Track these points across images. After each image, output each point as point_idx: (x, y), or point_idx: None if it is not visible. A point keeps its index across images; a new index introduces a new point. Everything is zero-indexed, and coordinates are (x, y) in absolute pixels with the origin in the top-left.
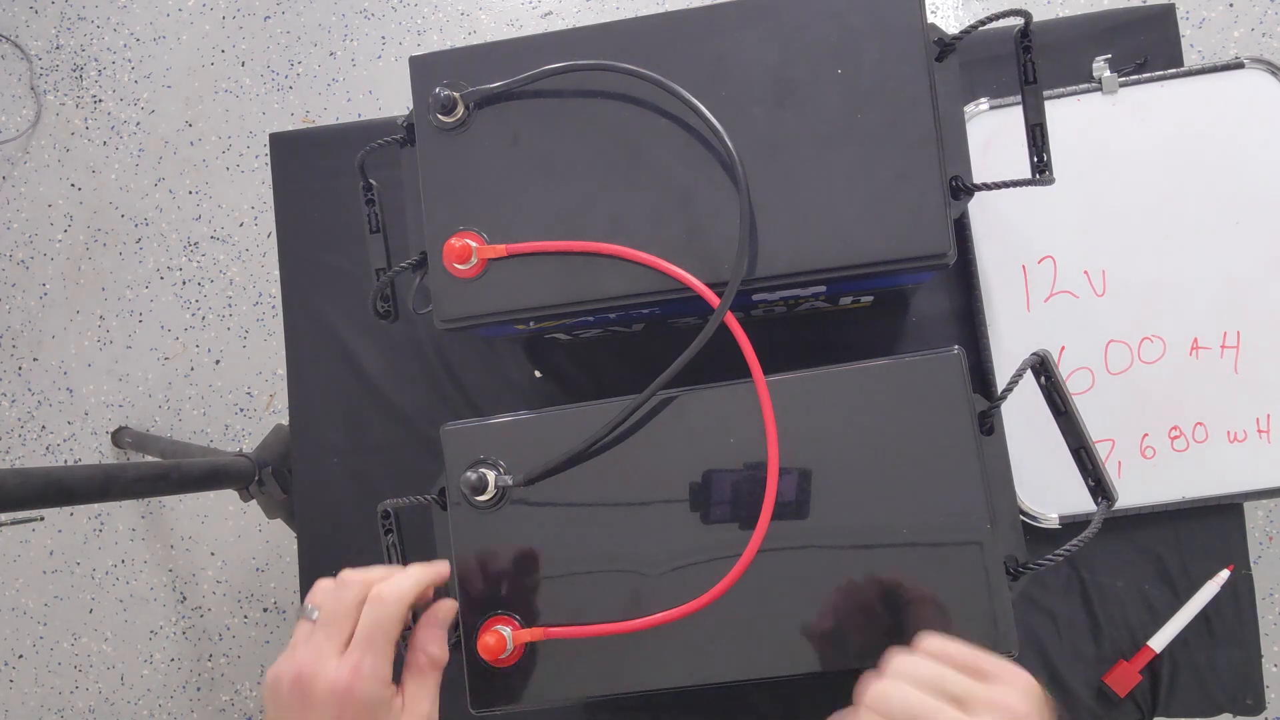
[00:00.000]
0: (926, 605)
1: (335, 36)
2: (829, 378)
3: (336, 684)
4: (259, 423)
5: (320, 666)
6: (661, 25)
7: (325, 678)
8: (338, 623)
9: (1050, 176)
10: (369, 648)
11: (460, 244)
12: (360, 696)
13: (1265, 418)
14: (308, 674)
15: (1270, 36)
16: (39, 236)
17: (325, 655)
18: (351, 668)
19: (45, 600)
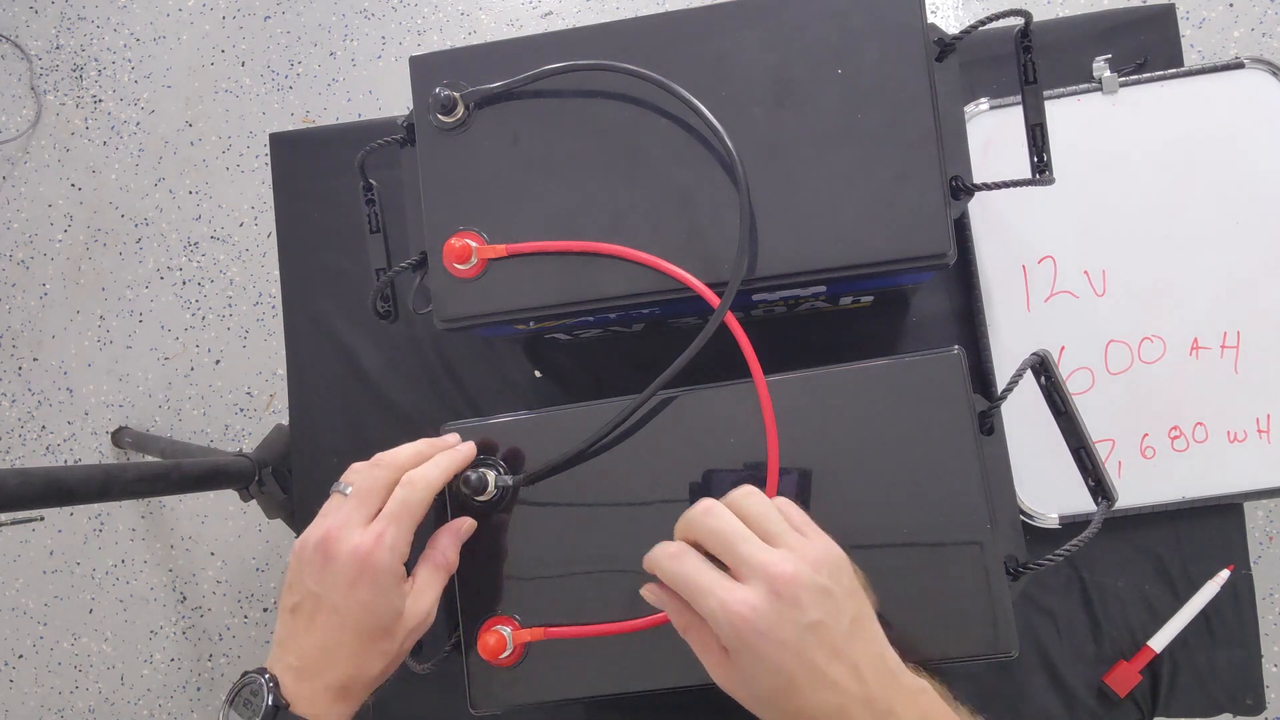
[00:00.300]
0: (926, 604)
1: (335, 36)
2: (829, 378)
3: (359, 548)
4: (259, 423)
5: (346, 531)
6: (661, 25)
7: (349, 541)
8: (368, 498)
9: (1050, 176)
10: (394, 523)
11: (460, 244)
12: (377, 563)
13: (1265, 418)
14: (333, 536)
15: (1270, 36)
16: (39, 236)
17: (352, 523)
18: (375, 536)
19: (45, 600)
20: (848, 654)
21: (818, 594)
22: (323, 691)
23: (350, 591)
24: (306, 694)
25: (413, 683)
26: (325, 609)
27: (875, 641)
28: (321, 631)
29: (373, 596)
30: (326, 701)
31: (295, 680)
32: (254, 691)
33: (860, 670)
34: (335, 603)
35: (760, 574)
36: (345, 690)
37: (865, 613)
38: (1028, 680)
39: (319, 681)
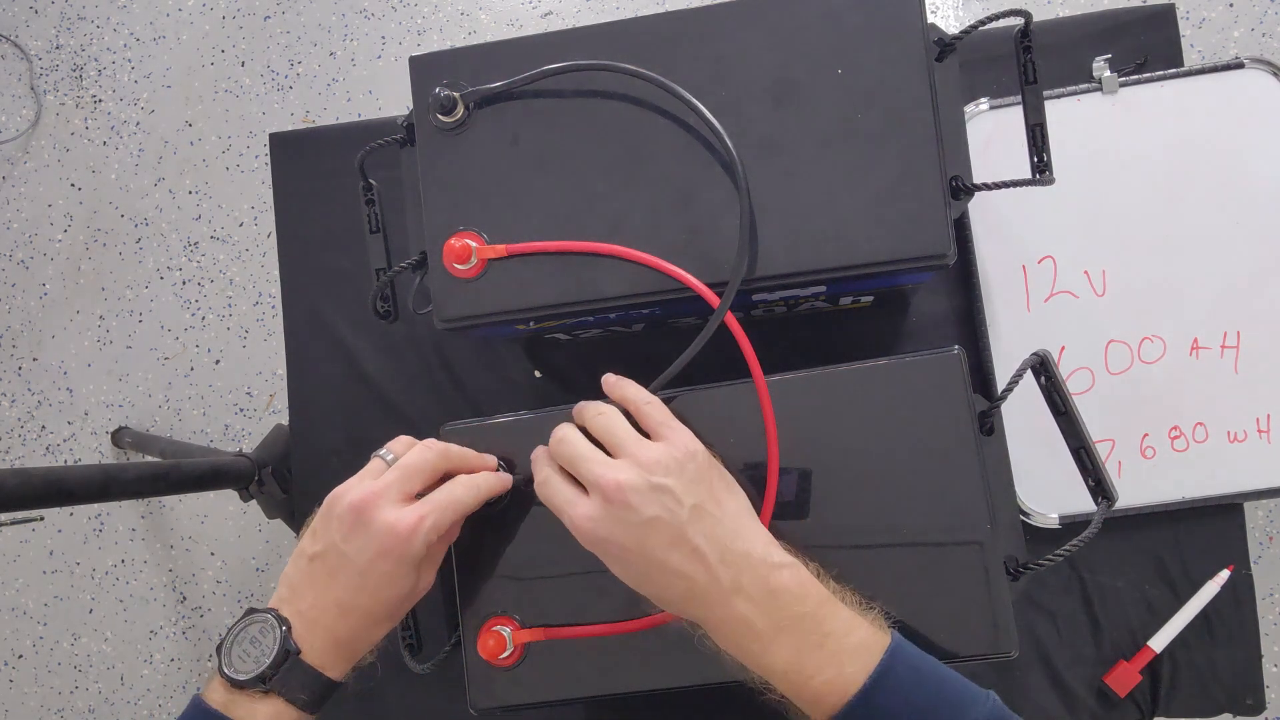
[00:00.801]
0: (925, 604)
1: (335, 36)
2: (829, 378)
3: (397, 525)
4: (259, 423)
5: (384, 502)
6: (661, 25)
7: (388, 514)
8: (412, 475)
9: (1050, 176)
10: (438, 512)
11: (460, 244)
12: (411, 544)
13: (1265, 418)
14: (371, 503)
15: (1270, 36)
16: (39, 236)
17: (391, 495)
18: (418, 517)
19: (45, 600)
20: (687, 542)
21: (649, 492)
22: (330, 644)
23: (377, 561)
24: (315, 643)
25: (413, 683)
26: (348, 569)
27: (720, 525)
28: (340, 589)
29: (397, 572)
30: (332, 654)
31: (305, 628)
32: (262, 631)
33: (702, 554)
34: (361, 566)
35: (595, 487)
36: (348, 648)
37: (711, 499)
38: (1028, 680)
39: (328, 634)
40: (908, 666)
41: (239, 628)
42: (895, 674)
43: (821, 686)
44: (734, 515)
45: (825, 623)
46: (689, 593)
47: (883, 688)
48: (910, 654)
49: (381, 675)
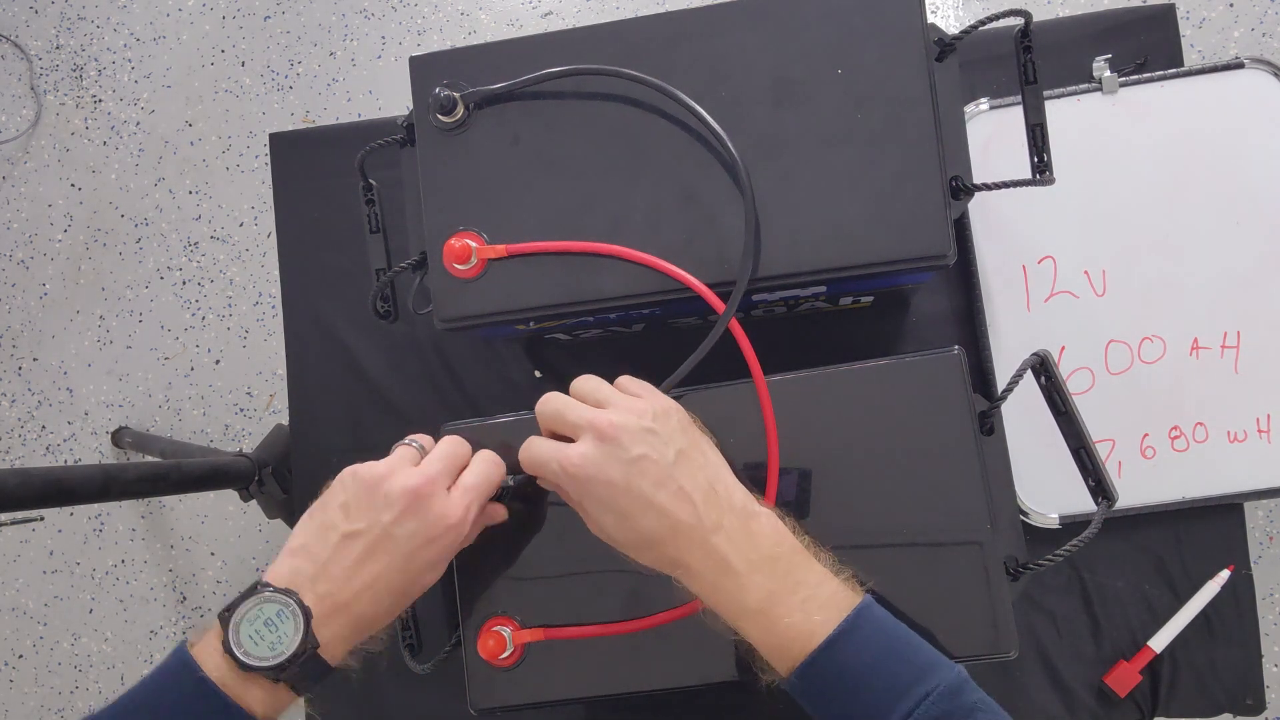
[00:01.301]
0: (926, 604)
1: (335, 36)
2: (829, 378)
3: (449, 514)
4: (259, 423)
5: (440, 490)
6: (661, 25)
7: (440, 506)
8: (454, 465)
9: (1050, 176)
10: (477, 499)
11: (460, 244)
12: (458, 532)
13: (1265, 418)
14: (427, 492)
15: (1270, 36)
16: (39, 236)
17: (441, 484)
18: (464, 508)
19: (45, 600)
20: (673, 481)
21: (639, 433)
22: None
23: (425, 548)
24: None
25: (413, 683)
26: (393, 551)
27: (704, 470)
28: (380, 568)
29: (438, 560)
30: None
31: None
32: (281, 616)
33: (687, 493)
34: (409, 550)
35: (586, 428)
36: (363, 631)
37: (695, 447)
38: (1028, 680)
39: (350, 618)
40: (874, 626)
41: (252, 605)
42: (861, 630)
43: (788, 630)
44: (715, 463)
45: (798, 570)
46: (672, 531)
47: (848, 641)
48: (879, 615)
49: (382, 675)
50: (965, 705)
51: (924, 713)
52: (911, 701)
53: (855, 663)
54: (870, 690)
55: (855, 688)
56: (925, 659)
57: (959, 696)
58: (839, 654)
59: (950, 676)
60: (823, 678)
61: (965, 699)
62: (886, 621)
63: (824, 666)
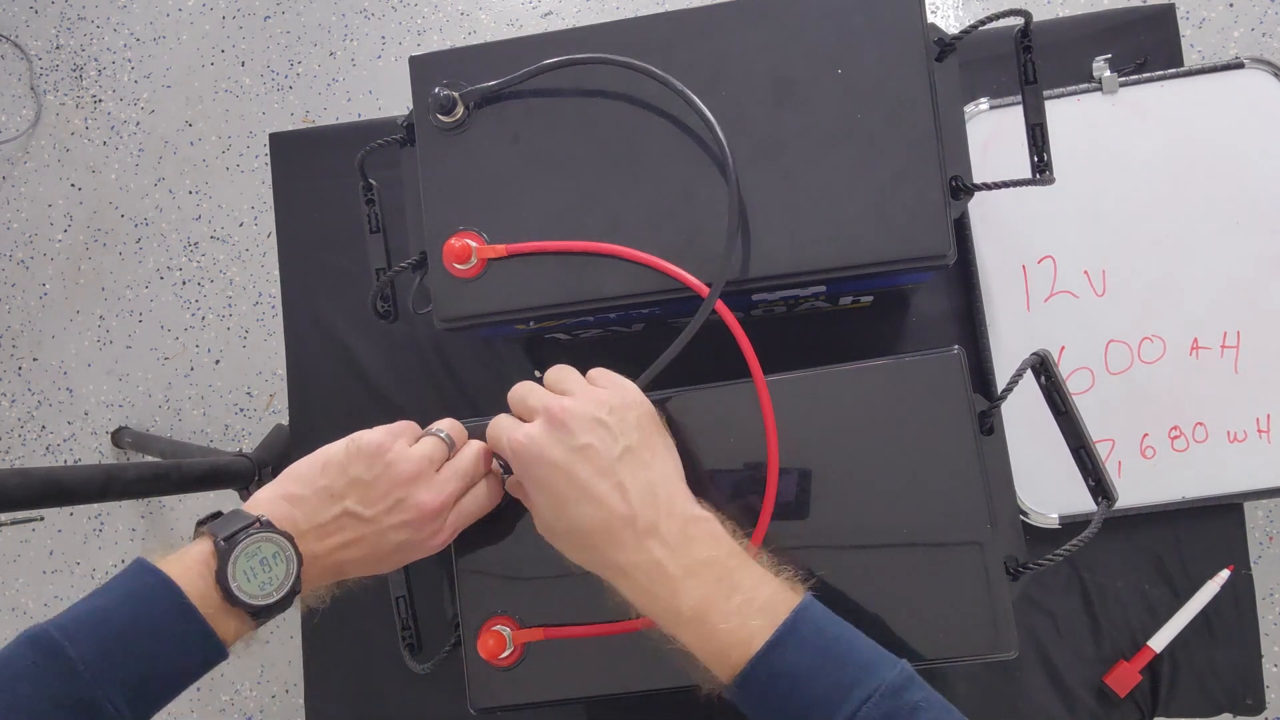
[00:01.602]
0: (926, 604)
1: (335, 36)
2: (829, 378)
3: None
4: (259, 423)
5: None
6: (661, 25)
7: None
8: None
9: (1050, 176)
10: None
11: (460, 244)
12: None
13: (1265, 418)
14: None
15: (1270, 36)
16: (39, 236)
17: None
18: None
19: (45, 600)
20: (614, 475)
21: (589, 422)
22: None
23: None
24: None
25: (413, 683)
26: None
27: (649, 470)
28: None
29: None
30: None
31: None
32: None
33: (626, 490)
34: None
35: (540, 411)
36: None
37: (646, 446)
38: (1028, 680)
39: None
40: (812, 627)
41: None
42: (798, 634)
43: (725, 637)
44: (663, 466)
45: (735, 574)
46: (605, 526)
47: (785, 646)
48: (817, 616)
49: (382, 675)
50: (908, 704)
51: (866, 715)
52: (853, 704)
53: (793, 667)
54: (810, 695)
55: (795, 693)
56: (865, 658)
57: (901, 695)
58: (776, 660)
59: (891, 675)
60: (762, 685)
61: (908, 697)
62: (825, 621)
63: (762, 673)
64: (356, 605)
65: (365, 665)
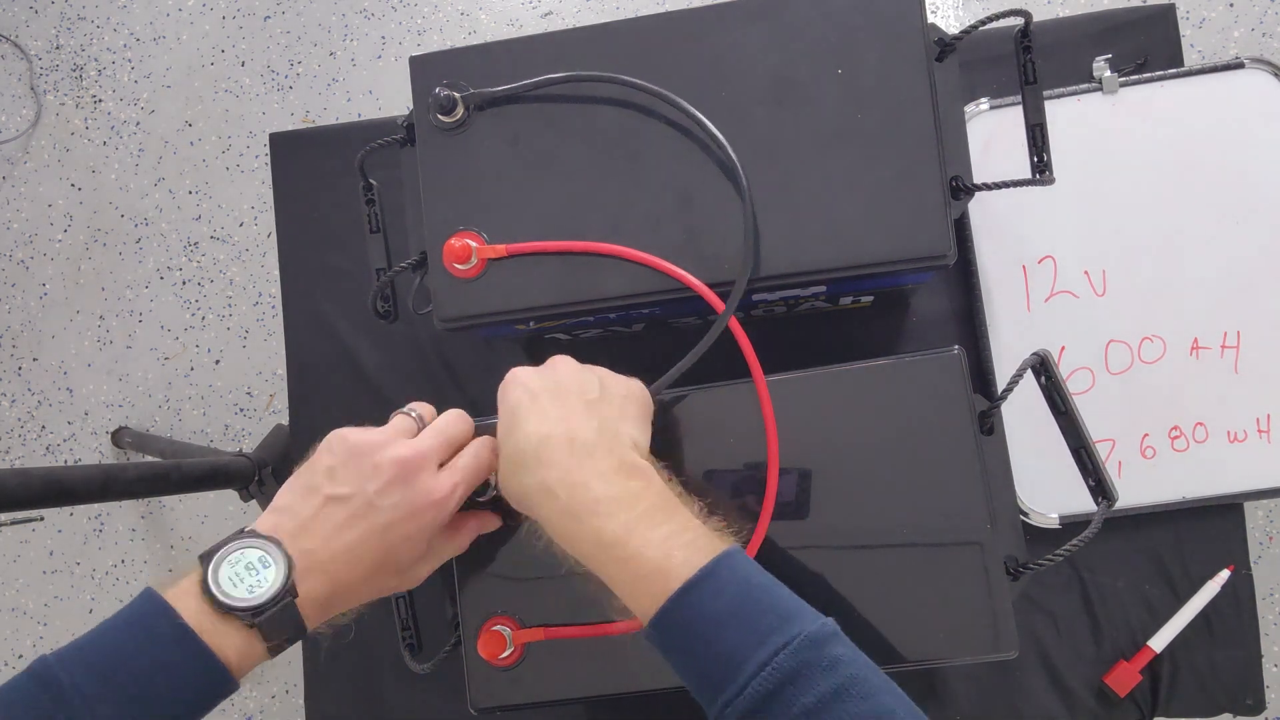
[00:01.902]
0: (926, 604)
1: (335, 36)
2: (829, 378)
3: (435, 491)
4: (259, 423)
5: (429, 465)
6: (661, 25)
7: (427, 482)
8: (450, 444)
9: (1050, 176)
10: (466, 481)
11: (460, 244)
12: (442, 511)
13: (1265, 418)
14: (417, 465)
15: (1270, 36)
16: (39, 236)
17: (432, 460)
18: (451, 487)
19: (45, 600)
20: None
21: (577, 371)
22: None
23: (405, 522)
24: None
25: (413, 683)
26: (373, 520)
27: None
28: (357, 537)
29: (417, 536)
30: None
31: (307, 569)
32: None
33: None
34: (388, 521)
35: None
36: (339, 599)
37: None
38: (1028, 680)
39: (328, 581)
40: (735, 572)
41: (235, 547)
42: (720, 576)
43: (644, 566)
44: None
45: (663, 510)
46: (543, 441)
47: (707, 586)
48: (742, 563)
49: (382, 675)
50: (828, 657)
51: (781, 663)
52: (769, 650)
53: (712, 609)
54: (725, 641)
55: (710, 638)
56: (787, 609)
57: (821, 648)
58: (694, 601)
59: (814, 627)
60: (678, 628)
61: (829, 651)
62: (749, 570)
63: (679, 616)
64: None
65: (365, 665)
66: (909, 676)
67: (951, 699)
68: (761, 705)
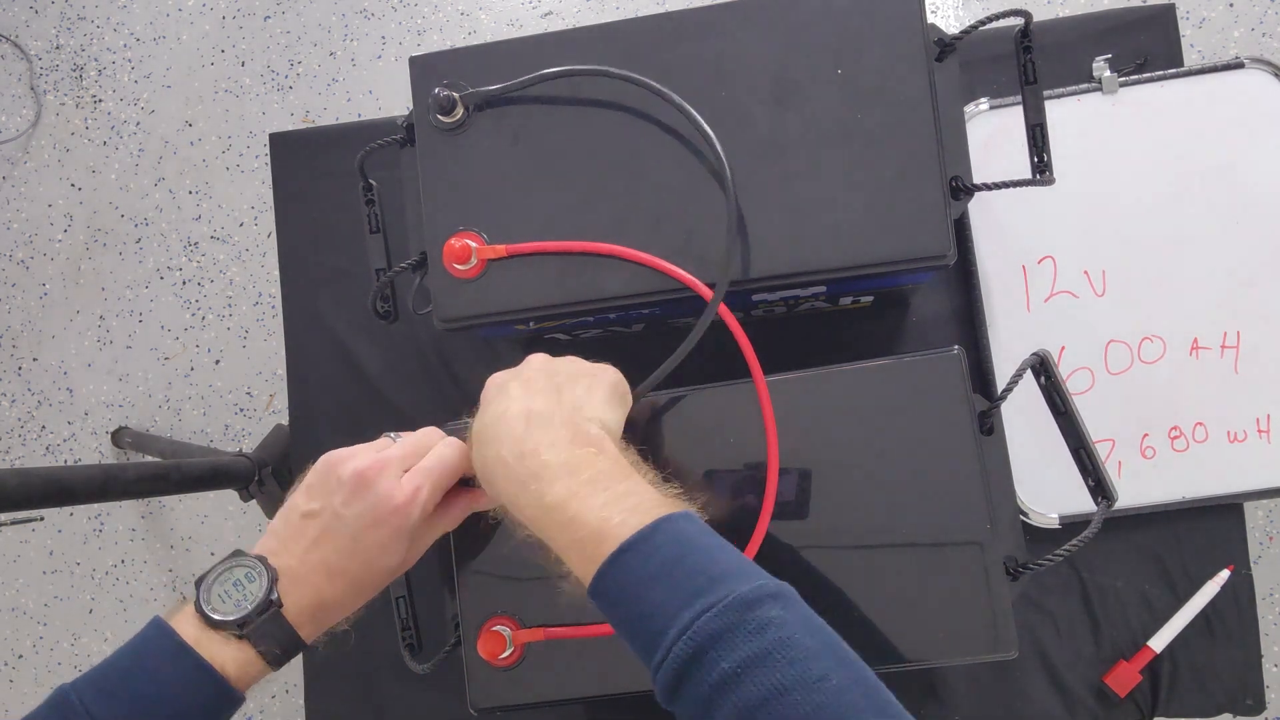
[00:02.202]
0: (926, 604)
1: (335, 36)
2: (829, 378)
3: (395, 496)
4: (259, 423)
5: (388, 473)
6: (661, 25)
7: (388, 488)
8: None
9: (1050, 176)
10: (429, 481)
11: (460, 244)
12: (406, 515)
13: (1265, 418)
14: (375, 472)
15: (1270, 36)
16: (39, 236)
17: (393, 468)
18: (414, 490)
19: (45, 600)
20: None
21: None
22: (313, 604)
23: (371, 530)
24: (297, 601)
25: (413, 683)
26: (342, 533)
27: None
28: (331, 551)
29: (390, 543)
30: (310, 615)
31: (291, 583)
32: (249, 577)
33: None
34: (354, 532)
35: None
36: (328, 611)
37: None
38: (1028, 680)
39: (313, 594)
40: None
41: (224, 567)
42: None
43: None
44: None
45: (610, 475)
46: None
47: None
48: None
49: (382, 675)
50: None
51: (704, 625)
52: (693, 612)
53: (644, 570)
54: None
55: (639, 599)
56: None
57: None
58: (629, 562)
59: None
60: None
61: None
62: (693, 532)
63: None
64: None
65: (365, 665)
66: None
67: (951, 699)
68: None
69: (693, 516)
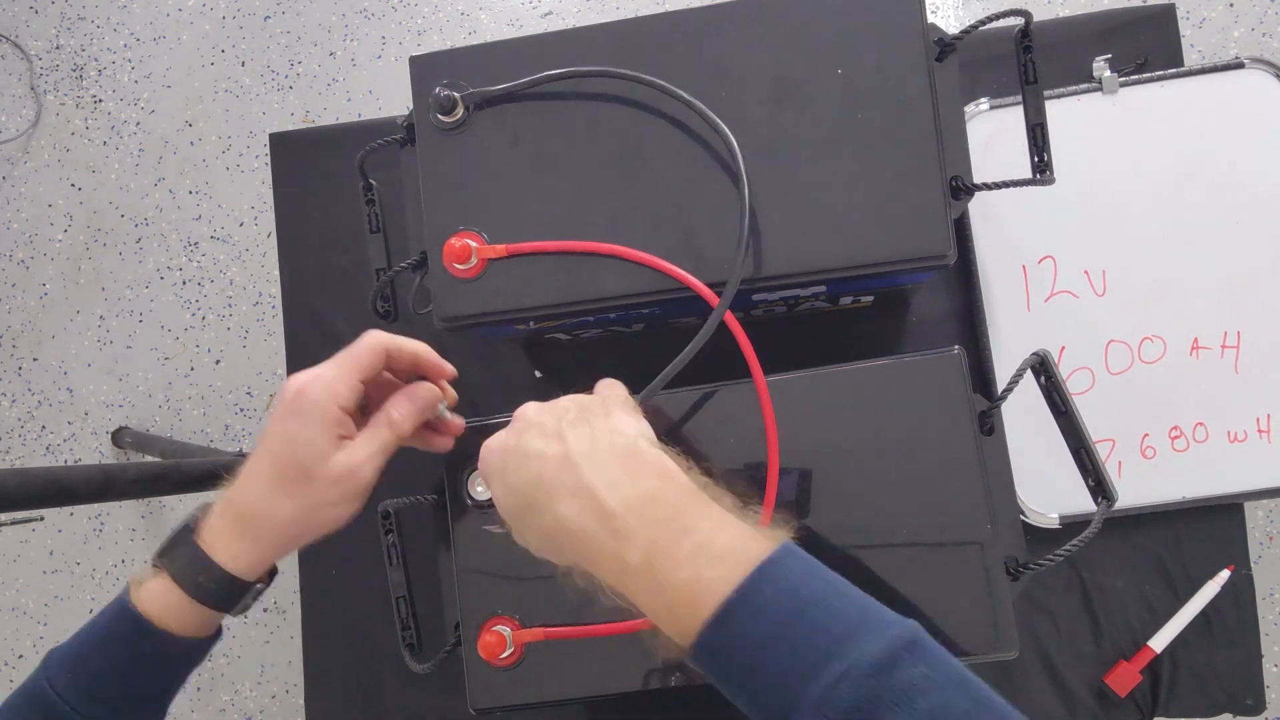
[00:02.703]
0: (926, 604)
1: (335, 36)
2: (829, 378)
3: (297, 382)
4: (259, 423)
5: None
6: (661, 25)
7: (298, 379)
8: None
9: (1050, 176)
10: (333, 363)
11: (460, 244)
12: (307, 395)
13: (1265, 418)
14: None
15: (1270, 36)
16: (39, 236)
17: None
18: (314, 374)
19: (45, 600)
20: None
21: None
22: (230, 523)
23: (280, 423)
24: (215, 524)
25: (413, 683)
26: (260, 443)
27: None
28: (250, 462)
29: (297, 429)
30: (227, 535)
31: (218, 512)
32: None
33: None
34: (267, 432)
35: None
36: (247, 526)
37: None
38: (1028, 680)
39: (231, 511)
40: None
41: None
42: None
43: (676, 591)
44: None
45: (688, 512)
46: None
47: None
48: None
49: (382, 675)
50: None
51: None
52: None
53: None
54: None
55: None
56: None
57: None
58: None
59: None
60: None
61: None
62: (799, 578)
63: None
64: (357, 605)
65: (365, 665)
66: None
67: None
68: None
69: (794, 550)
